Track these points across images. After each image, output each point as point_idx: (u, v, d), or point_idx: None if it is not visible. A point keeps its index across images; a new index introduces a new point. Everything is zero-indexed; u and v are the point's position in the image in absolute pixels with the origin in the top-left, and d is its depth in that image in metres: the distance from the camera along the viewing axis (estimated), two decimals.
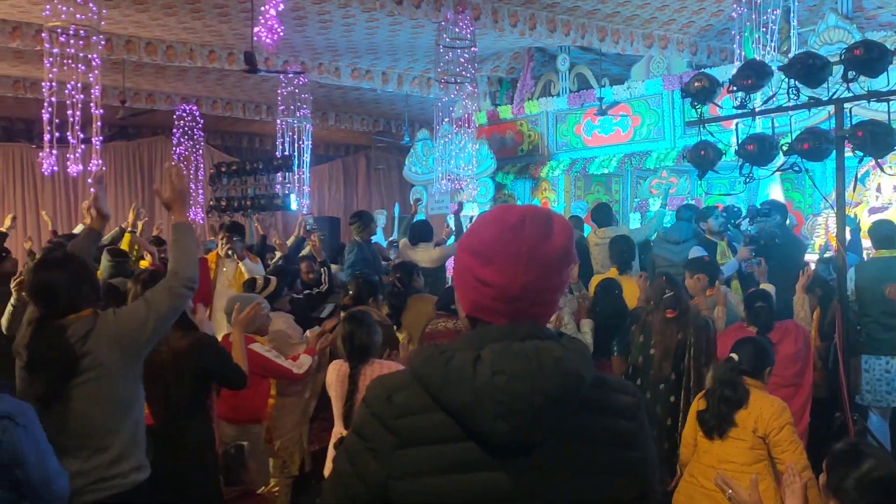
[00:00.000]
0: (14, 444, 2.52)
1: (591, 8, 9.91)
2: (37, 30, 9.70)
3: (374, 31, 10.68)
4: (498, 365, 1.46)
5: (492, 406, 1.43)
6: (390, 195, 19.55)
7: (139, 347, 3.10)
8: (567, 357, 1.48)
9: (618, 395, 1.57)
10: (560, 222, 1.58)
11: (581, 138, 12.21)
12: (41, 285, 3.07)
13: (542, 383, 1.44)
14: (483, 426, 1.45)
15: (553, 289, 1.57)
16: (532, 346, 1.48)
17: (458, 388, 1.46)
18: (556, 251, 1.54)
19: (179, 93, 14.09)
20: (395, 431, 1.50)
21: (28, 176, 15.97)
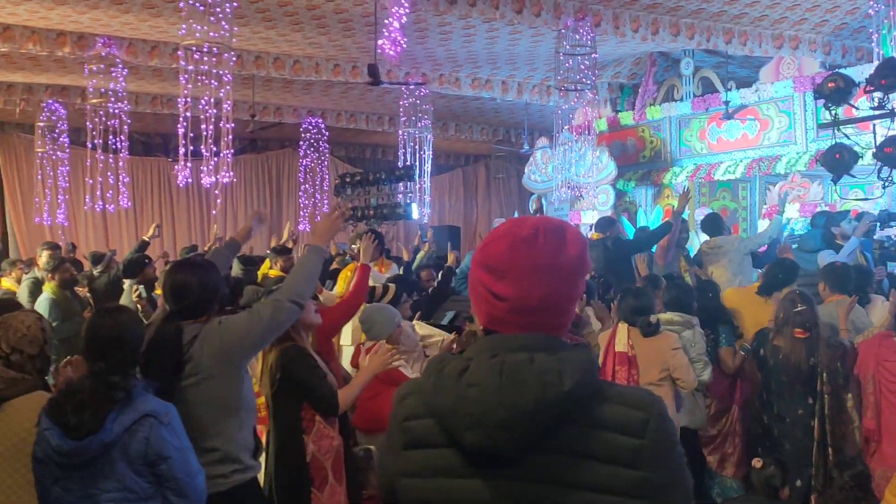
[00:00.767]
0: (160, 441, 2.67)
1: (716, 10, 9.66)
2: (173, 48, 10.24)
3: (494, 41, 10.73)
4: (474, 377, 1.48)
5: (463, 417, 1.47)
6: (510, 204, 19.55)
7: (239, 357, 3.20)
8: (551, 370, 1.45)
9: (623, 410, 1.48)
10: (573, 232, 1.58)
11: (706, 143, 11.90)
12: (174, 285, 3.25)
13: (510, 397, 1.44)
14: (456, 434, 1.49)
15: (570, 299, 1.57)
16: (513, 359, 1.47)
17: (442, 396, 1.50)
18: (571, 261, 1.54)
19: (306, 106, 14.54)
20: (403, 432, 1.58)
21: (164, 188, 16.81)
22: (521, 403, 1.44)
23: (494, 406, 1.45)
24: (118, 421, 2.65)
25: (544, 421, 1.45)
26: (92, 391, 2.67)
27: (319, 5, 9.03)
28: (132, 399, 2.70)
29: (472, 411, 1.47)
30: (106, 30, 9.86)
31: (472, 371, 1.50)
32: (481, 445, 1.47)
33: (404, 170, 11.84)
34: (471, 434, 1.47)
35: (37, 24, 9.62)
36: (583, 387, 1.47)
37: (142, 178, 16.36)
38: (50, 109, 12.50)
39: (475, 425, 1.46)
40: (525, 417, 1.44)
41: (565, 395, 1.44)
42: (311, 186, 15.07)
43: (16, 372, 3.08)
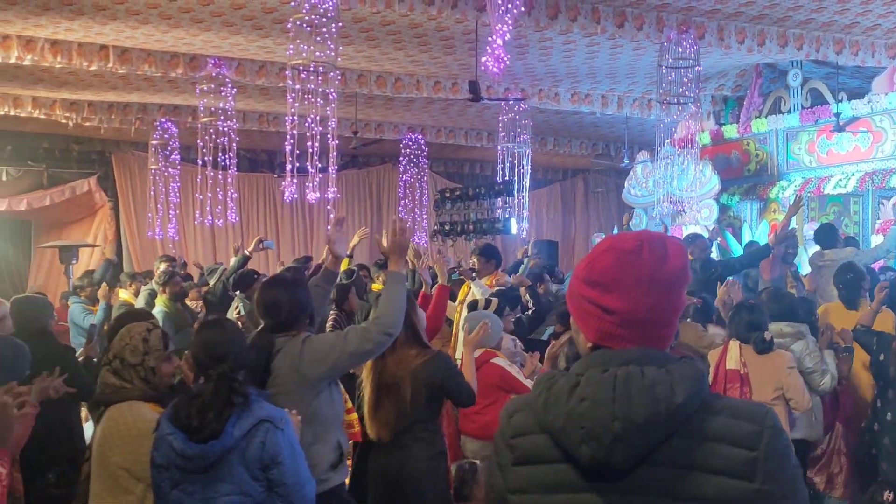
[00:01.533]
0: (275, 445, 2.77)
1: (826, 20, 9.36)
2: (280, 68, 10.56)
3: (594, 55, 10.67)
4: (585, 391, 1.51)
5: (576, 431, 1.50)
6: (608, 218, 19.34)
7: (316, 377, 3.32)
8: (662, 382, 1.48)
9: (734, 423, 1.49)
10: (674, 243, 1.61)
11: (815, 156, 11.55)
12: (266, 302, 3.39)
13: (623, 409, 1.46)
14: (570, 450, 1.51)
15: (675, 309, 1.60)
16: (624, 372, 1.50)
17: (554, 412, 1.54)
18: (675, 271, 1.57)
19: (406, 122, 14.75)
20: (511, 449, 1.61)
21: (269, 203, 17.29)
22: (634, 416, 1.47)
23: (608, 419, 1.48)
24: (237, 426, 2.76)
25: (657, 433, 1.48)
26: (214, 395, 2.78)
27: (421, 24, 9.17)
28: (250, 405, 2.81)
29: (585, 425, 1.50)
30: (217, 51, 10.24)
31: (582, 386, 1.53)
32: (596, 459, 1.49)
33: (503, 185, 11.88)
34: (585, 448, 1.50)
35: (152, 46, 10.08)
36: (693, 399, 1.49)
37: (248, 194, 16.86)
38: (163, 128, 13.03)
39: (589, 439, 1.49)
40: (638, 430, 1.47)
41: (677, 407, 1.47)
42: (410, 202, 15.24)
43: (117, 379, 3.21)
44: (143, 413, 3.16)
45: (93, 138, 15.39)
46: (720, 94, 12.81)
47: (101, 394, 3.26)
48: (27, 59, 9.69)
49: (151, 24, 9.15)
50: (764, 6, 8.93)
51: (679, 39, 9.18)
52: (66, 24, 9.15)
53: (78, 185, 15.61)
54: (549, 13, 8.55)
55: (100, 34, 9.57)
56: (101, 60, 10.03)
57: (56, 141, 15.33)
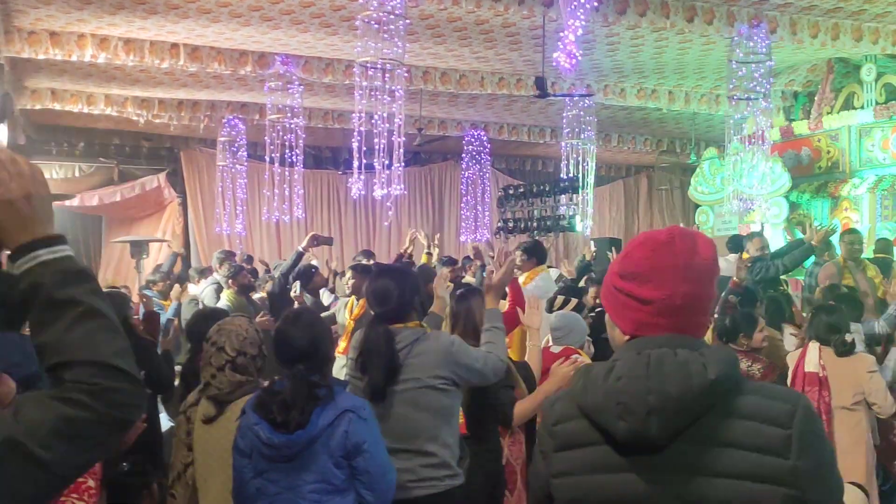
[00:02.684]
0: (358, 434, 2.81)
1: None
2: (346, 65, 10.66)
3: (661, 51, 10.54)
4: (621, 370, 1.59)
5: (614, 407, 1.57)
6: (672, 216, 19.07)
7: (463, 381, 3.38)
8: (696, 361, 1.55)
9: (767, 402, 1.55)
10: (703, 238, 1.70)
11: (889, 153, 11.22)
12: (376, 291, 3.42)
13: (657, 384, 1.53)
14: (609, 426, 1.58)
15: (708, 298, 1.68)
16: (658, 352, 1.58)
17: (592, 393, 1.62)
18: (706, 262, 1.65)
19: (469, 119, 14.74)
20: (553, 436, 1.70)
21: (333, 199, 17.45)
22: (668, 389, 1.53)
23: (643, 393, 1.55)
24: (322, 416, 2.81)
25: (690, 408, 1.54)
26: (294, 392, 2.82)
27: (488, 19, 9.16)
28: (333, 396, 2.85)
29: (621, 400, 1.57)
30: (285, 49, 10.38)
31: (618, 367, 1.62)
32: (632, 432, 1.56)
33: (569, 182, 11.80)
34: (623, 423, 1.57)
35: (222, 44, 10.26)
36: (726, 379, 1.55)
37: (312, 191, 17.03)
38: (230, 125, 13.25)
39: (626, 413, 1.56)
40: (672, 403, 1.53)
41: (710, 383, 1.53)
42: (472, 198, 15.24)
43: (240, 375, 3.26)
44: None
45: (162, 135, 15.72)
46: (790, 89, 12.53)
47: (225, 393, 3.25)
48: (101, 58, 9.94)
49: (222, 22, 9.31)
50: None
51: (750, 34, 9.01)
52: (140, 22, 9.36)
53: (147, 181, 15.94)
54: (618, 8, 8.48)
55: (171, 33, 9.77)
56: (172, 58, 10.24)
57: (127, 138, 15.69)
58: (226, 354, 3.25)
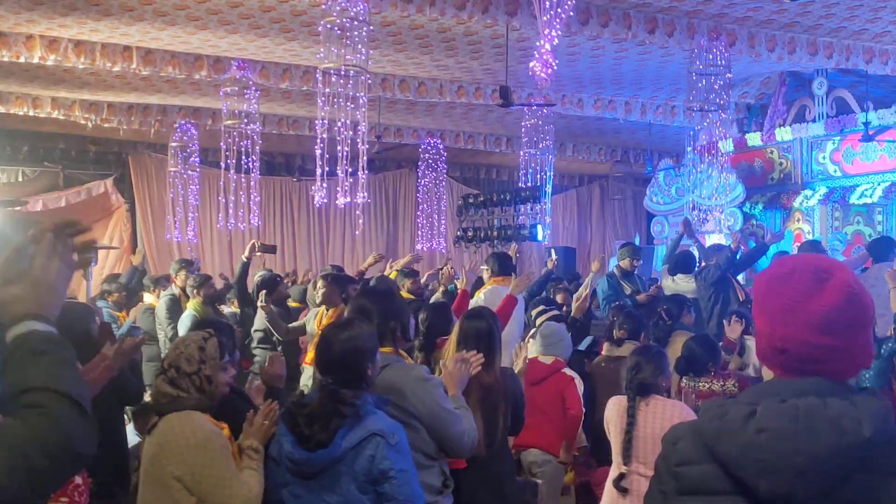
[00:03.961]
0: (385, 460, 2.70)
1: (857, 28, 9.28)
2: (304, 71, 10.50)
3: (620, 62, 10.60)
4: (764, 421, 1.44)
5: (754, 463, 1.43)
6: (625, 226, 19.26)
7: (423, 417, 3.16)
8: (849, 415, 1.39)
9: None
10: (840, 279, 1.52)
11: (840, 166, 11.45)
12: (356, 310, 3.30)
13: (807, 444, 1.39)
14: (747, 482, 1.45)
15: (826, 348, 1.50)
16: (806, 404, 1.43)
17: (727, 441, 1.47)
18: (822, 308, 1.49)
19: (426, 127, 14.68)
20: (676, 477, 1.55)
21: (286, 207, 17.22)
22: (818, 450, 1.39)
23: (791, 453, 1.40)
24: (347, 438, 2.70)
25: (841, 468, 1.40)
26: (320, 404, 2.73)
27: (450, 28, 9.11)
28: (362, 416, 2.74)
29: (764, 458, 1.42)
30: (242, 53, 10.18)
31: (759, 416, 1.46)
32: (775, 493, 1.42)
33: (530, 191, 11.79)
34: (765, 482, 1.42)
35: (177, 48, 10.02)
36: (881, 435, 1.40)
37: (265, 198, 16.79)
38: (182, 130, 12.97)
39: (768, 472, 1.42)
40: (822, 464, 1.39)
41: (865, 441, 1.39)
42: (428, 207, 15.15)
43: (171, 388, 3.13)
44: (199, 423, 3.09)
45: (110, 139, 15.34)
46: (744, 101, 12.74)
47: (155, 403, 3.19)
48: (50, 60, 9.63)
49: (178, 25, 9.09)
50: (796, 14, 8.86)
51: (710, 46, 9.10)
52: (92, 24, 9.10)
53: (94, 186, 15.56)
54: (581, 18, 8.48)
55: (125, 35, 9.51)
56: (124, 61, 9.97)
57: (73, 142, 15.28)
58: (163, 366, 3.18)
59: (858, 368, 1.56)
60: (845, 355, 1.53)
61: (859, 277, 4.88)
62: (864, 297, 1.53)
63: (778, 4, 8.52)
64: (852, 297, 1.52)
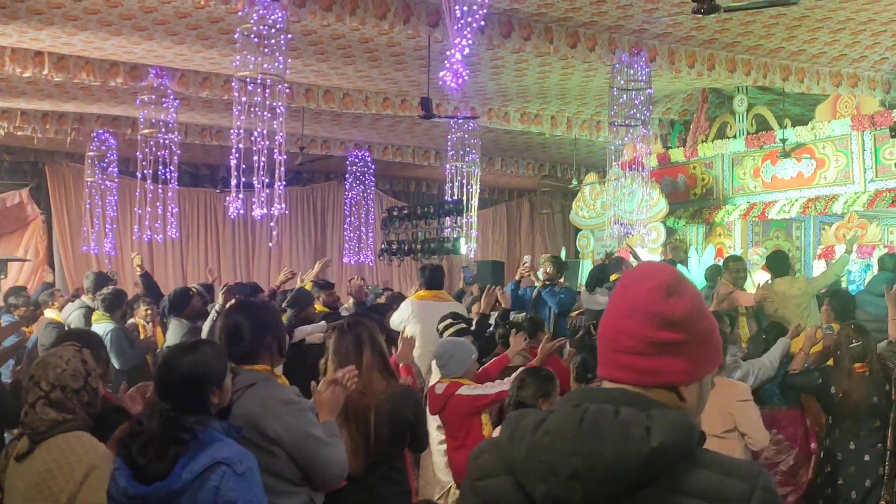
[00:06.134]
0: (230, 491, 2.48)
1: (774, 46, 9.46)
2: (225, 80, 10.27)
3: (545, 76, 10.63)
4: (551, 424, 1.39)
5: (536, 465, 1.37)
6: (553, 240, 19.37)
7: (285, 442, 2.96)
8: (639, 423, 1.32)
9: (719, 479, 1.33)
10: (684, 297, 1.45)
11: (759, 182, 11.67)
12: (228, 327, 3.11)
13: (587, 446, 1.32)
14: (527, 487, 1.38)
15: (646, 355, 1.43)
16: (597, 408, 1.36)
17: (517, 447, 1.41)
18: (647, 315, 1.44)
19: (353, 139, 14.53)
20: (475, 492, 1.48)
21: (211, 219, 16.87)
22: (600, 454, 1.31)
23: (568, 453, 1.33)
24: (188, 468, 2.45)
25: (624, 478, 1.31)
26: (157, 431, 2.50)
27: (373, 38, 9.00)
28: (205, 444, 2.51)
29: (545, 459, 1.35)
30: (159, 60, 9.91)
31: (549, 419, 1.40)
32: (552, 497, 1.34)
33: (453, 204, 11.73)
34: (542, 485, 1.35)
35: (91, 54, 9.70)
36: (673, 448, 1.32)
37: (189, 209, 16.44)
38: (100, 139, 12.60)
39: (548, 474, 1.34)
40: (602, 470, 1.31)
41: (651, 451, 1.30)
42: (356, 219, 14.99)
43: (58, 412, 2.91)
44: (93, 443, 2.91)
45: (25, 148, 14.85)
46: (667, 117, 12.90)
47: (37, 431, 2.92)
48: None
49: (90, 30, 8.80)
50: (714, 31, 8.98)
51: (630, 61, 9.17)
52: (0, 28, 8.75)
53: (8, 196, 15.05)
54: (503, 31, 8.46)
55: (35, 40, 9.17)
56: (35, 67, 9.61)
57: None
58: (40, 390, 2.90)
59: (686, 378, 1.46)
60: (666, 366, 1.45)
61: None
62: (687, 309, 1.46)
63: (697, 21, 8.62)
64: (687, 312, 1.45)
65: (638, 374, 1.45)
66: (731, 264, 7.84)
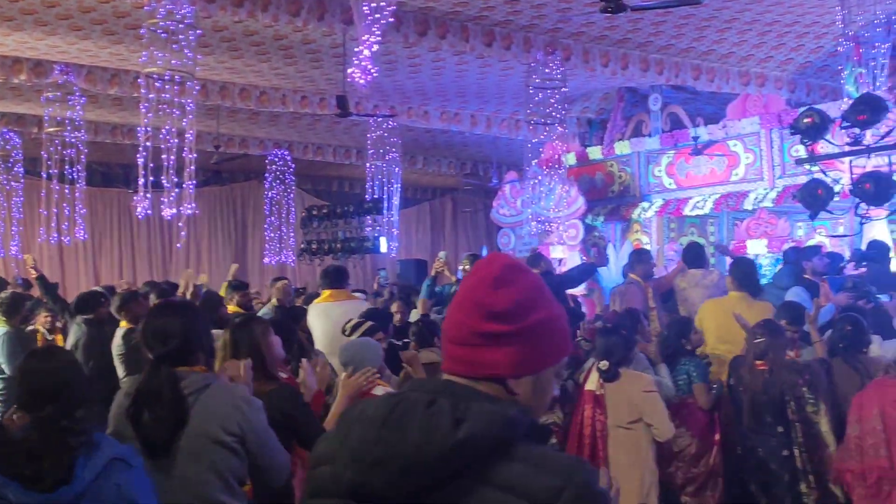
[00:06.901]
0: (131, 486, 2.41)
1: (685, 46, 9.66)
2: (135, 77, 9.99)
3: (463, 74, 10.65)
4: (365, 413, 1.38)
5: (344, 454, 1.37)
6: (477, 238, 19.45)
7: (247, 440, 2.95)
8: (449, 415, 1.30)
9: (532, 473, 1.30)
10: (512, 288, 1.42)
11: (674, 179, 11.88)
12: (158, 327, 3.00)
13: (391, 435, 1.32)
14: (339, 474, 1.38)
15: (472, 346, 1.42)
16: (411, 398, 1.36)
17: (336, 436, 1.41)
18: (485, 304, 1.41)
19: (272, 138, 14.33)
20: (309, 480, 1.47)
21: (124, 220, 16.42)
22: (401, 443, 1.30)
23: (372, 442, 1.32)
24: (87, 468, 2.35)
25: (425, 468, 1.29)
26: (42, 440, 2.39)
27: (287, 35, 8.88)
28: (96, 442, 2.42)
29: (353, 446, 1.35)
30: (64, 57, 9.60)
31: (366, 409, 1.39)
32: (354, 484, 1.34)
33: (373, 203, 11.66)
34: (349, 473, 1.35)
35: None
36: (482, 441, 1.30)
37: (101, 210, 15.97)
38: (4, 138, 12.15)
39: (354, 461, 1.34)
40: (403, 459, 1.30)
41: (455, 443, 1.28)
42: (276, 219, 14.78)
43: None
44: None
45: None
46: (585, 116, 13.07)
47: None
48: None
49: None
50: (627, 31, 9.12)
51: (546, 60, 9.25)
52: None
53: None
54: (418, 29, 8.44)
55: None
56: None
57: None
58: None
59: (513, 371, 1.43)
60: (483, 353, 1.42)
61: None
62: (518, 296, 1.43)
63: (610, 21, 8.73)
64: (515, 300, 1.42)
65: (466, 365, 1.42)
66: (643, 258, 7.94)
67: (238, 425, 2.90)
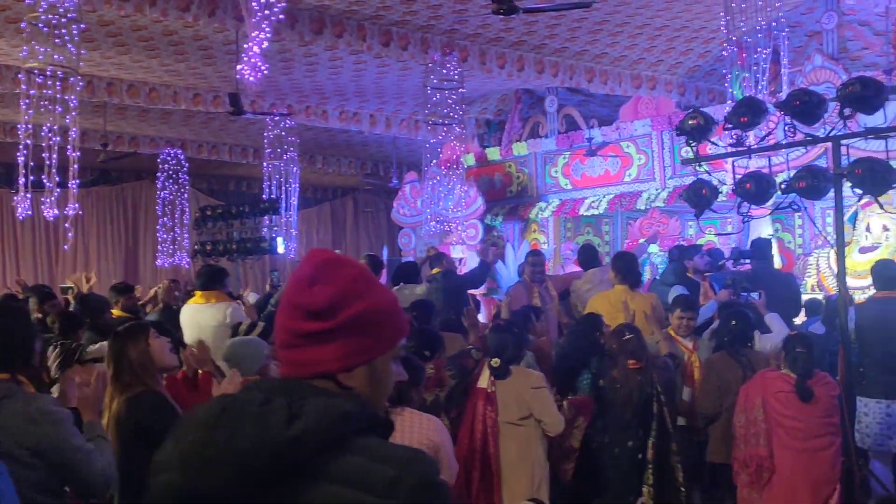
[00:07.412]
0: (7, 492, 2.30)
1: (579, 49, 9.84)
2: (16, 72, 9.55)
3: (361, 74, 10.58)
4: (196, 415, 1.35)
5: (176, 456, 1.32)
6: (378, 238, 19.40)
7: (48, 456, 2.79)
8: (282, 412, 1.28)
9: (370, 465, 1.28)
10: (327, 285, 1.39)
11: (570, 179, 12.11)
12: None
13: (221, 435, 1.28)
14: (173, 478, 1.32)
15: (296, 347, 1.40)
16: (243, 397, 1.34)
17: (172, 440, 1.35)
18: (303, 303, 1.39)
19: (164, 136, 13.93)
20: (151, 487, 1.37)
21: (7, 221, 15.67)
22: (235, 443, 1.26)
23: (203, 443, 1.28)
24: None
25: (259, 467, 1.26)
26: None
27: (177, 31, 8.64)
28: None
29: (183, 447, 1.30)
30: None
31: (197, 412, 1.35)
32: (189, 488, 1.28)
33: (269, 203, 11.46)
34: (180, 476, 1.30)
35: None
36: (317, 436, 1.28)
37: None
38: None
39: (185, 464, 1.29)
40: (236, 459, 1.26)
41: (289, 439, 1.26)
42: (170, 220, 14.38)
43: None
44: None
45: None
46: (483, 117, 13.17)
47: None
48: None
49: None
50: (522, 33, 9.23)
51: (443, 61, 9.28)
52: None
53: None
54: (314, 27, 8.34)
55: None
56: None
57: None
58: None
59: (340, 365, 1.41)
60: (305, 352, 1.40)
61: None
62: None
63: (505, 23, 8.82)
64: (332, 295, 1.39)
65: (296, 367, 1.40)
66: (531, 258, 8.05)
67: (33, 439, 2.76)
